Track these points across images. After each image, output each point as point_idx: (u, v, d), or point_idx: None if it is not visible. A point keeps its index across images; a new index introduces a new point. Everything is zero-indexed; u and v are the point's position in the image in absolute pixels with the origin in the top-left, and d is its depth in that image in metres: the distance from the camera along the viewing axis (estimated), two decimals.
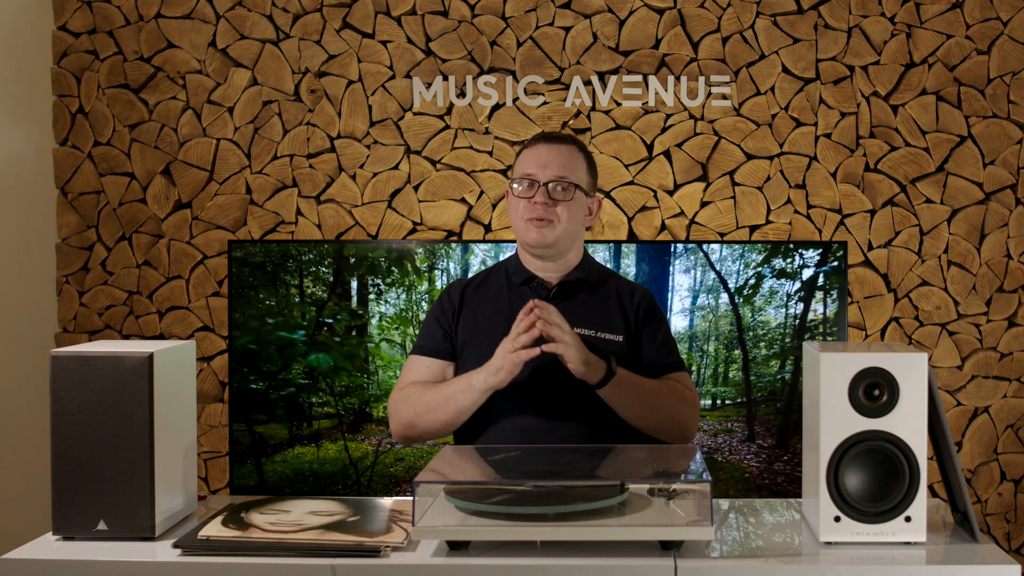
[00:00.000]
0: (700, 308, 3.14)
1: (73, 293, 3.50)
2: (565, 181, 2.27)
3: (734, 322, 3.14)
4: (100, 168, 3.49)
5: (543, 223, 2.26)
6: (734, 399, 3.17)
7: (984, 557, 1.76)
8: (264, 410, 3.19)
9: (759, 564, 1.72)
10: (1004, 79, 3.36)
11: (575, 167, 2.31)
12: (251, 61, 3.45)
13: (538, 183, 2.28)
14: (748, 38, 3.39)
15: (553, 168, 2.28)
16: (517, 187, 2.30)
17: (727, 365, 3.18)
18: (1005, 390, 3.40)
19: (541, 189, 2.27)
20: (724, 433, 3.15)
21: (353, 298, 3.19)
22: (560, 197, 2.27)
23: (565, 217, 2.27)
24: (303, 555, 1.75)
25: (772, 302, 3.15)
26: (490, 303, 2.34)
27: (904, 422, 1.78)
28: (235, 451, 3.19)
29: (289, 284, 3.21)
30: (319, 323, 3.19)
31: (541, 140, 2.35)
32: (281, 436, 3.19)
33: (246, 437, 3.18)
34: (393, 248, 3.20)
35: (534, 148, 2.33)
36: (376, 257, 3.17)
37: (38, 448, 3.23)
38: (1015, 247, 3.38)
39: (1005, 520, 3.41)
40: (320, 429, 3.20)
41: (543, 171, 2.28)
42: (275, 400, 3.18)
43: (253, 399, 3.18)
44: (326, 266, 3.21)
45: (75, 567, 1.76)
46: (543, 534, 1.73)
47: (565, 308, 2.29)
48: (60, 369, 1.84)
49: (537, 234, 2.27)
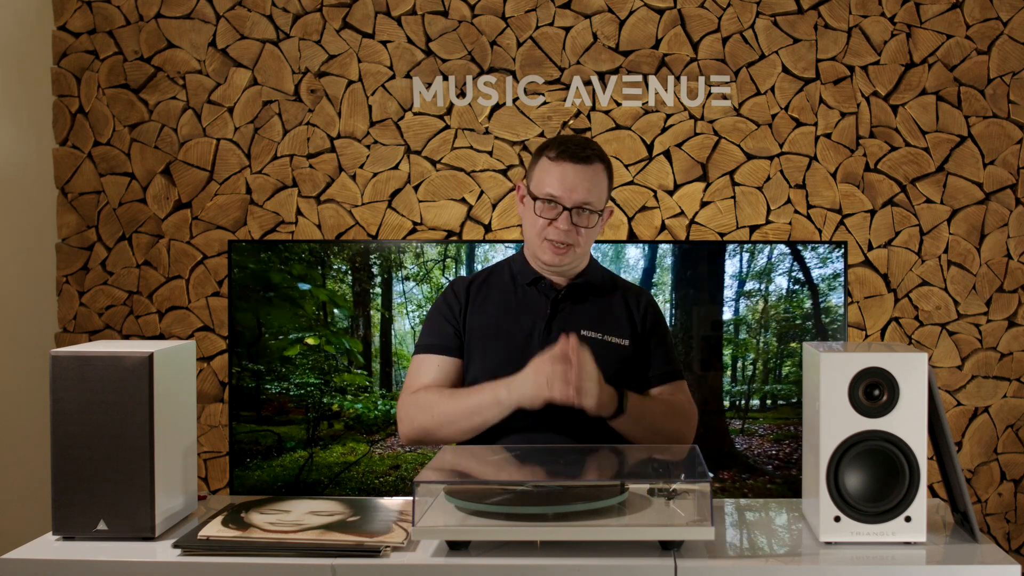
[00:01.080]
0: (749, 296, 3.05)
1: (73, 293, 3.50)
2: (589, 208, 2.22)
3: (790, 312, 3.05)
4: (100, 168, 3.49)
5: (565, 248, 2.23)
6: (789, 398, 3.07)
7: (984, 557, 1.76)
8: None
9: (759, 564, 1.72)
10: (1004, 79, 3.36)
11: (599, 190, 2.24)
12: (251, 61, 3.45)
13: (562, 207, 2.21)
14: (748, 38, 3.39)
15: (579, 193, 2.20)
16: (539, 205, 2.23)
17: (780, 360, 3.09)
18: (1005, 390, 3.40)
19: (565, 215, 2.20)
20: (789, 439, 3.02)
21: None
22: (583, 223, 2.22)
23: (584, 242, 2.25)
24: (303, 555, 1.75)
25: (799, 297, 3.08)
26: (496, 301, 2.32)
27: (904, 422, 1.78)
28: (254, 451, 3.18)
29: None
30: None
31: (568, 158, 2.22)
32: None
33: (268, 438, 3.16)
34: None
35: (561, 165, 2.21)
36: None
37: (38, 448, 3.23)
38: (1015, 247, 3.38)
39: (1005, 520, 3.41)
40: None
41: (569, 195, 2.20)
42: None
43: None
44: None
45: (75, 567, 1.76)
46: (543, 534, 1.73)
47: (574, 310, 2.29)
48: (60, 369, 1.84)
49: (555, 258, 2.24)
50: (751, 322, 3.11)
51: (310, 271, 3.19)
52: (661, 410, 2.26)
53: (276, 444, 3.18)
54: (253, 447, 3.17)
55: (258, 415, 3.18)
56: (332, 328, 3.19)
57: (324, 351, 3.17)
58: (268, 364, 3.17)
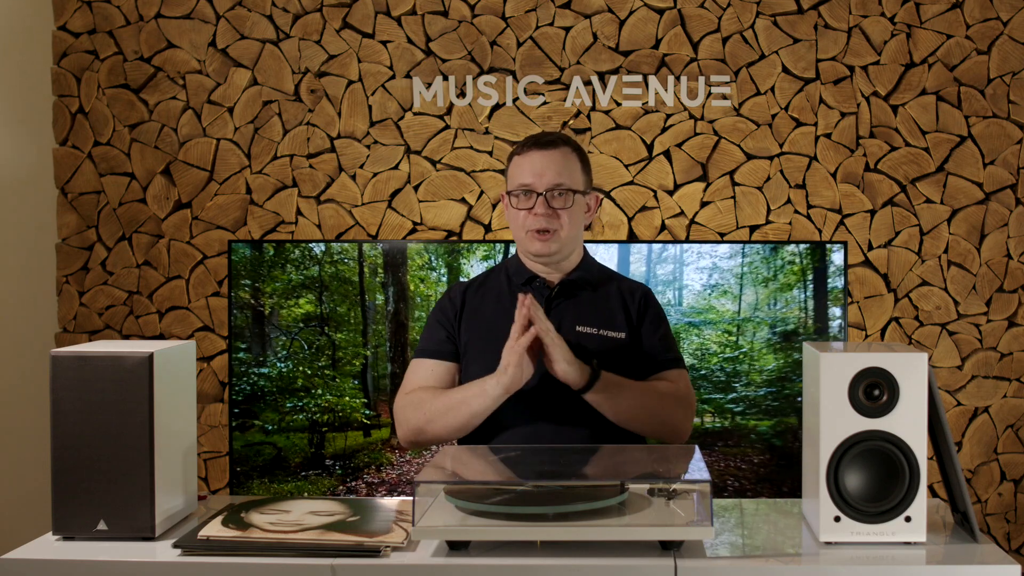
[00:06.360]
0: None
1: (73, 293, 3.50)
2: (563, 188, 2.25)
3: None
4: (100, 168, 3.49)
5: (548, 235, 2.25)
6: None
7: (984, 557, 1.76)
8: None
9: (759, 564, 1.72)
10: (1004, 79, 3.36)
11: (571, 171, 2.28)
12: (251, 61, 3.45)
13: (536, 193, 2.25)
14: (748, 38, 3.39)
15: (549, 176, 2.25)
16: (514, 198, 2.28)
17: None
18: (1005, 390, 3.40)
19: (540, 199, 2.24)
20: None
21: None
22: (559, 205, 2.25)
23: (567, 223, 2.26)
24: (303, 555, 1.75)
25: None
26: (491, 304, 2.33)
27: (904, 422, 1.78)
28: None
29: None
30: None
31: (533, 146, 2.29)
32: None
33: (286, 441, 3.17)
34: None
35: (527, 155, 2.29)
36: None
37: (38, 448, 3.22)
38: (1015, 247, 3.38)
39: (1005, 520, 3.41)
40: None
41: (539, 180, 2.25)
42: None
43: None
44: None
45: (75, 567, 1.76)
46: (543, 534, 1.73)
47: (568, 306, 2.29)
48: (60, 369, 1.84)
49: (541, 246, 2.26)
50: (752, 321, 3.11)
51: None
52: (646, 388, 2.23)
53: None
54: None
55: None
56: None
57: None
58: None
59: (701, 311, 3.13)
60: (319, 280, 3.18)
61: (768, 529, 1.96)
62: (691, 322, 3.13)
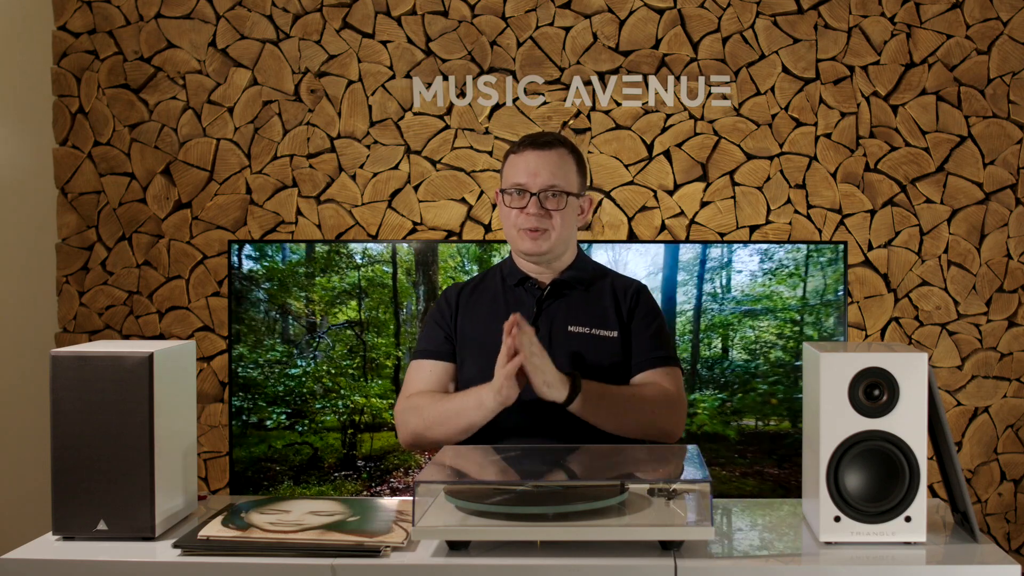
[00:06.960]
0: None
1: (73, 293, 3.50)
2: (556, 189, 2.26)
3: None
4: (100, 168, 3.49)
5: (537, 233, 2.26)
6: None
7: (984, 557, 1.76)
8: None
9: (759, 564, 1.72)
10: (1004, 79, 3.36)
11: (565, 172, 2.28)
12: (251, 61, 3.45)
13: (529, 193, 2.26)
14: (748, 38, 3.39)
15: (543, 176, 2.26)
16: (508, 197, 2.28)
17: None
18: (1005, 390, 3.40)
19: (533, 199, 2.25)
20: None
21: None
22: (552, 206, 2.26)
23: (559, 224, 2.27)
24: (303, 555, 1.75)
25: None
26: (486, 305, 2.34)
27: (904, 422, 1.78)
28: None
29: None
30: None
31: (529, 146, 2.29)
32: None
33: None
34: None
35: (522, 155, 2.29)
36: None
37: (38, 448, 3.22)
38: (1015, 247, 3.38)
39: (1005, 520, 3.41)
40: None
41: (533, 180, 2.26)
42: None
43: None
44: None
45: (75, 567, 1.76)
46: (543, 534, 1.73)
47: (559, 307, 2.29)
48: (60, 369, 1.84)
49: (532, 244, 2.27)
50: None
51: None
52: (629, 394, 2.22)
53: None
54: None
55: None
56: None
57: None
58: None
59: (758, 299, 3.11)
60: (359, 287, 3.20)
61: (768, 529, 1.96)
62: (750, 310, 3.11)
